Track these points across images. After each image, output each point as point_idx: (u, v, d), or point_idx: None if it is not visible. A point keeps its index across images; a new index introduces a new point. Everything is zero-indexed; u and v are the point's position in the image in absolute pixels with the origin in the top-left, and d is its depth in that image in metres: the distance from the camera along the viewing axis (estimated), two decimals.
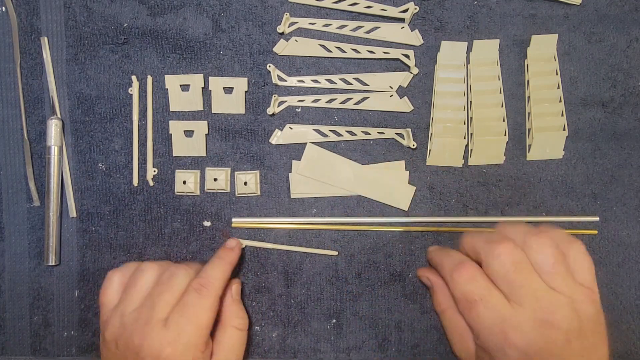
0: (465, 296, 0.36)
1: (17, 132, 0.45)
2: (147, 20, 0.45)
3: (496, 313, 0.34)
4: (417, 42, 0.45)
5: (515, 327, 0.34)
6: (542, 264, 0.35)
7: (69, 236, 0.45)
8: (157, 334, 0.35)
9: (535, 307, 0.34)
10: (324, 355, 0.45)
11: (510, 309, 0.34)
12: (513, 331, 0.34)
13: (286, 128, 0.45)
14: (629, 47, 0.45)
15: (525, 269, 0.35)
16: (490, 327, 0.34)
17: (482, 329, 0.35)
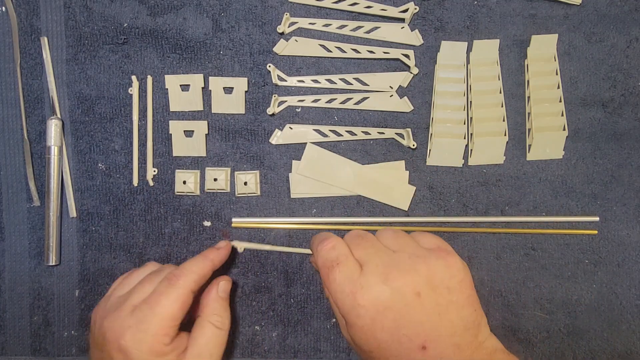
0: (324, 264, 0.37)
1: (17, 132, 0.45)
2: (147, 20, 0.44)
3: (348, 275, 0.35)
4: (417, 42, 0.45)
5: (362, 285, 0.35)
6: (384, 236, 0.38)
7: (69, 236, 0.45)
8: (122, 319, 0.36)
9: (377, 263, 0.36)
10: (324, 355, 0.45)
11: (359, 270, 0.36)
12: (360, 289, 0.34)
13: (286, 128, 0.45)
14: (629, 47, 0.45)
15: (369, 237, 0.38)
16: (343, 290, 0.35)
17: (337, 293, 0.35)
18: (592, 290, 0.45)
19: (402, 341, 0.34)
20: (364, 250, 0.37)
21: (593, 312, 0.45)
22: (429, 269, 0.35)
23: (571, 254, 0.45)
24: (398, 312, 0.34)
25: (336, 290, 0.35)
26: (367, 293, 0.34)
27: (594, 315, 0.45)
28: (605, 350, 0.45)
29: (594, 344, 0.45)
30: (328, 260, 0.37)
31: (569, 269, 0.45)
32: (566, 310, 0.45)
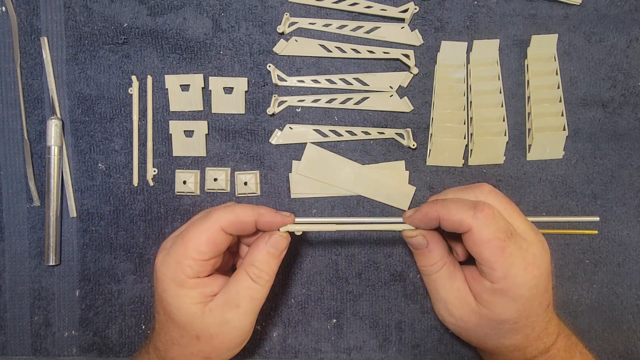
0: (498, 235, 0.34)
1: (17, 132, 0.45)
2: (147, 20, 0.44)
3: (522, 248, 0.35)
4: (417, 42, 0.45)
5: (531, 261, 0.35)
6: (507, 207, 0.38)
7: (69, 236, 0.45)
8: (164, 243, 0.38)
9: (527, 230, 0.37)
10: (325, 355, 0.45)
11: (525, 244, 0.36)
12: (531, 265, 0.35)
13: (286, 128, 0.45)
14: (629, 47, 0.45)
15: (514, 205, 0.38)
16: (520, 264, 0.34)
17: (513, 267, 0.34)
18: (592, 290, 0.45)
19: (543, 303, 0.36)
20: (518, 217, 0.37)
21: (594, 312, 0.45)
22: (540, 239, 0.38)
23: (571, 254, 0.45)
24: (548, 277, 0.36)
25: (513, 264, 0.34)
26: (539, 264, 0.35)
27: (594, 315, 0.45)
28: (606, 350, 0.45)
29: (595, 344, 0.45)
30: (500, 230, 0.34)
31: (570, 269, 0.45)
32: (567, 310, 0.45)
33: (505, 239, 0.34)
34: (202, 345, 0.36)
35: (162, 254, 0.36)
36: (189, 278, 0.35)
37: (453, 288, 0.37)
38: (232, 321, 0.36)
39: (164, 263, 0.36)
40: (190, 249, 0.35)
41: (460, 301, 0.37)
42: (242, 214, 0.36)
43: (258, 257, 0.36)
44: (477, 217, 0.34)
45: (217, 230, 0.35)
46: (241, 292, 0.36)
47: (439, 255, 0.38)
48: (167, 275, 0.35)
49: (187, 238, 0.35)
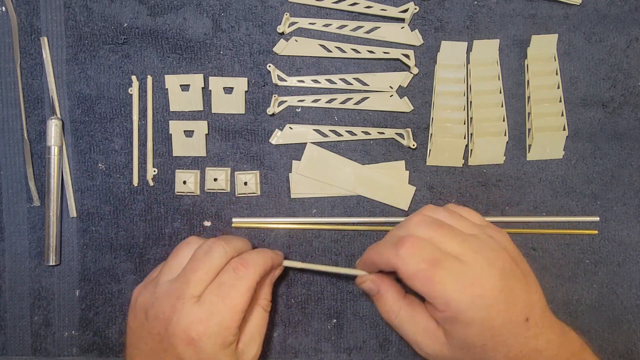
0: (418, 267, 0.34)
1: (17, 132, 0.45)
2: (147, 20, 0.44)
3: (455, 272, 0.34)
4: (417, 42, 0.45)
5: (473, 276, 0.34)
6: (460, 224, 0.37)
7: (69, 236, 0.45)
8: (188, 310, 0.34)
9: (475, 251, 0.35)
10: (325, 355, 0.45)
11: (461, 262, 0.34)
12: (472, 284, 0.33)
13: (286, 128, 0.45)
14: (629, 47, 0.45)
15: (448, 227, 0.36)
16: (457, 288, 0.33)
17: (450, 293, 0.33)
18: (592, 290, 0.45)
19: (512, 319, 0.34)
20: (450, 241, 0.35)
21: (594, 312, 0.45)
22: (505, 246, 0.36)
23: (572, 254, 0.45)
24: (508, 292, 0.34)
25: (448, 290, 0.33)
26: (480, 282, 0.34)
27: (594, 315, 0.45)
28: (606, 350, 0.45)
29: (595, 344, 0.45)
30: (423, 261, 0.34)
31: (570, 269, 0.45)
32: (567, 310, 0.45)
33: (429, 268, 0.34)
34: None
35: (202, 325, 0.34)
36: (234, 336, 0.36)
37: (418, 329, 0.37)
38: (258, 348, 0.39)
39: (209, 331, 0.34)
40: (238, 312, 0.35)
41: (429, 338, 0.37)
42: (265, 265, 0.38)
43: (266, 291, 0.40)
44: (398, 254, 0.34)
45: (254, 286, 0.37)
46: (260, 323, 0.39)
47: (392, 300, 0.38)
48: (218, 343, 0.35)
49: (230, 302, 0.35)
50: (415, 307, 0.38)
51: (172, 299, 0.35)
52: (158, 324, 0.35)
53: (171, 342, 0.34)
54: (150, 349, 0.36)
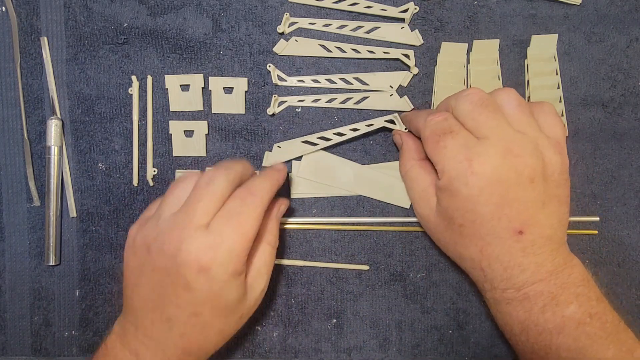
0: (435, 131, 0.36)
1: (17, 132, 0.45)
2: (147, 20, 0.44)
3: (463, 143, 0.35)
4: (417, 42, 0.45)
5: (480, 153, 0.34)
6: (506, 107, 0.36)
7: (69, 236, 0.45)
8: (197, 238, 0.33)
9: (500, 138, 0.35)
10: (325, 356, 0.45)
11: (476, 140, 0.35)
12: (477, 157, 0.34)
13: (274, 148, 0.45)
14: (629, 47, 0.45)
15: (492, 106, 0.36)
16: (455, 156, 0.35)
17: (448, 159, 0.35)
18: None
19: (501, 219, 0.34)
20: (485, 121, 0.35)
21: None
22: (547, 160, 0.35)
23: None
24: (508, 189, 0.34)
25: (447, 156, 0.35)
26: (484, 162, 0.34)
27: None
28: None
29: None
30: (439, 128, 0.36)
31: None
32: None
33: (441, 134, 0.36)
34: (241, 321, 0.38)
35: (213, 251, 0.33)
36: (244, 265, 0.35)
37: (419, 189, 0.39)
38: (265, 285, 0.38)
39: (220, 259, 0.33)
40: (249, 238, 0.34)
41: (424, 200, 0.39)
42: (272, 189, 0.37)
43: (272, 226, 0.39)
44: (426, 120, 0.37)
45: (263, 213, 0.36)
46: (267, 259, 0.38)
47: (408, 155, 0.41)
48: (229, 272, 0.34)
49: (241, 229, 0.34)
50: (425, 169, 0.40)
51: (179, 229, 0.34)
52: (164, 257, 0.34)
53: (181, 272, 0.33)
54: (154, 284, 0.35)
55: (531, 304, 0.35)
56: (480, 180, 0.34)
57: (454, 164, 0.35)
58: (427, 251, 0.45)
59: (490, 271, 0.36)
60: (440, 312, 0.45)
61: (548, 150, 0.35)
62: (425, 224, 0.40)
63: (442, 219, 0.37)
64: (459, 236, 0.37)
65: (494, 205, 0.34)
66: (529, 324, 0.35)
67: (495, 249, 0.35)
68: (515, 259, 0.35)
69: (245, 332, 0.46)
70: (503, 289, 0.36)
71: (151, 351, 0.35)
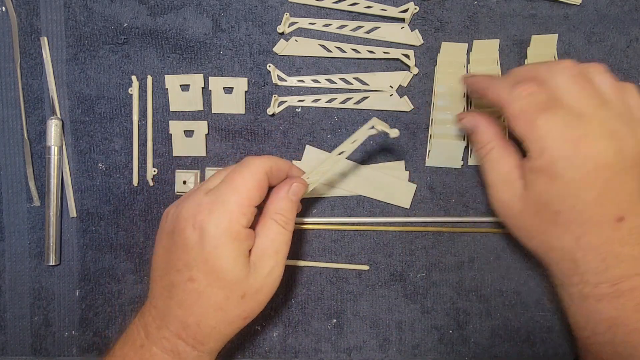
0: (529, 106, 0.32)
1: (17, 132, 0.45)
2: (147, 20, 0.44)
3: (566, 121, 0.32)
4: (417, 42, 0.45)
5: (586, 134, 0.31)
6: (601, 83, 0.34)
7: (69, 236, 0.45)
8: (199, 197, 0.35)
9: (603, 118, 0.32)
10: (325, 356, 0.45)
11: (579, 118, 0.32)
12: (585, 138, 0.31)
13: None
14: (629, 47, 0.45)
15: (591, 82, 0.33)
16: (560, 136, 0.31)
17: (551, 139, 0.32)
18: None
19: (604, 205, 0.32)
20: (587, 99, 0.32)
21: None
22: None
23: None
24: (615, 174, 0.32)
25: (550, 135, 0.32)
26: (593, 143, 0.31)
27: None
28: None
29: None
30: (534, 103, 0.32)
31: None
32: None
33: (537, 111, 0.32)
34: (245, 304, 0.35)
35: (206, 209, 0.33)
36: (244, 227, 0.34)
37: (501, 171, 0.36)
38: (274, 269, 0.36)
39: (214, 214, 0.33)
40: (243, 194, 0.34)
41: (507, 185, 0.36)
42: (280, 162, 0.37)
43: (282, 206, 0.37)
44: (511, 91, 0.33)
45: (263, 174, 0.35)
46: (276, 239, 0.36)
47: (487, 138, 0.37)
48: (221, 228, 0.33)
49: (236, 184, 0.34)
50: (508, 151, 0.36)
51: (188, 195, 0.36)
52: (172, 219, 0.35)
53: (180, 227, 0.34)
54: (165, 249, 0.36)
55: (625, 300, 0.33)
56: (588, 163, 0.31)
57: (559, 144, 0.32)
58: (427, 251, 0.45)
59: (584, 262, 0.33)
60: (440, 312, 0.45)
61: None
62: (506, 211, 0.37)
63: (532, 204, 0.34)
64: (552, 224, 0.34)
65: (599, 190, 0.32)
66: (619, 322, 0.33)
67: (594, 237, 0.33)
68: (614, 249, 0.33)
69: (245, 332, 0.46)
70: (595, 283, 0.33)
71: (157, 322, 0.35)
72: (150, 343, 0.35)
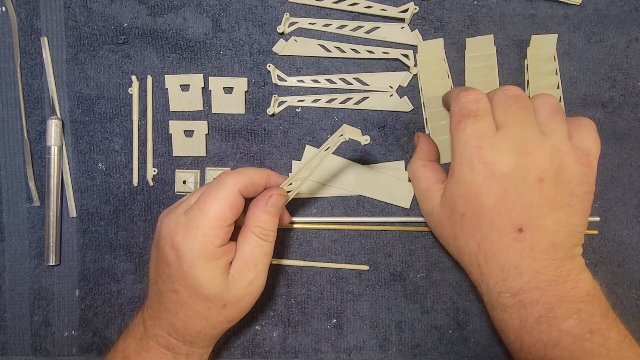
0: (462, 110, 0.36)
1: (17, 132, 0.45)
2: (147, 20, 0.44)
3: (482, 130, 0.35)
4: (417, 42, 0.45)
5: (492, 144, 0.34)
6: (540, 109, 0.36)
7: (69, 236, 0.45)
8: (177, 216, 0.36)
9: (518, 134, 0.34)
10: (325, 356, 0.45)
11: (495, 131, 0.35)
12: (489, 147, 0.34)
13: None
14: (629, 47, 0.45)
15: (524, 103, 0.35)
16: (469, 141, 0.35)
17: (462, 142, 0.35)
18: None
19: (501, 214, 0.34)
20: (512, 115, 0.35)
21: None
22: (564, 166, 0.35)
23: None
24: (513, 184, 0.34)
25: (461, 139, 0.35)
26: (494, 152, 0.34)
27: None
28: None
29: None
30: (466, 109, 0.35)
31: None
32: None
33: (465, 115, 0.35)
34: (228, 312, 0.37)
35: (182, 230, 0.35)
36: (217, 247, 0.35)
37: (424, 186, 0.40)
38: (254, 280, 0.37)
39: (188, 238, 0.35)
40: (214, 218, 0.35)
41: (428, 197, 0.39)
42: (255, 176, 0.37)
43: (262, 218, 0.37)
44: (459, 95, 0.36)
45: (235, 194, 0.36)
46: (255, 252, 0.37)
47: (418, 156, 0.42)
48: (195, 250, 0.34)
49: (208, 207, 0.35)
50: (430, 169, 0.40)
51: (167, 213, 0.38)
52: (157, 233, 0.38)
53: (161, 244, 0.36)
54: (154, 258, 0.38)
55: (527, 313, 0.34)
56: (486, 170, 0.34)
57: (465, 148, 0.35)
58: (427, 251, 0.45)
59: (487, 269, 0.36)
60: (440, 312, 0.45)
61: (570, 158, 0.35)
62: (429, 219, 0.41)
63: (445, 209, 0.37)
64: (460, 228, 0.36)
65: (496, 197, 0.34)
66: (523, 333, 0.35)
67: (493, 244, 0.35)
68: (512, 259, 0.35)
69: (245, 332, 0.46)
70: (499, 292, 0.35)
71: (151, 321, 0.38)
72: (147, 337, 0.38)
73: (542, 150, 0.34)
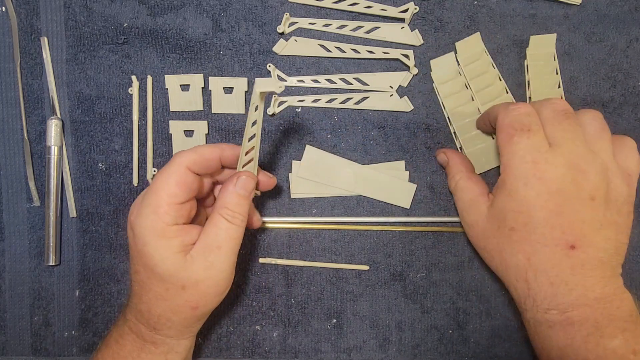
0: (513, 124, 0.35)
1: (17, 132, 0.45)
2: (147, 20, 0.44)
3: (536, 145, 0.35)
4: (417, 42, 0.45)
5: (547, 160, 0.34)
6: (588, 127, 0.36)
7: (69, 236, 0.45)
8: (137, 199, 0.37)
9: (571, 151, 0.35)
10: (325, 356, 0.45)
11: (548, 146, 0.35)
12: (544, 162, 0.34)
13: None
14: (629, 47, 0.45)
15: (573, 119, 0.36)
16: (524, 155, 0.35)
17: (516, 156, 0.35)
18: None
19: (554, 228, 0.34)
20: (563, 132, 0.35)
21: None
22: (611, 184, 0.35)
23: None
24: (567, 201, 0.34)
25: (516, 154, 0.35)
26: (549, 168, 0.34)
27: None
28: None
29: None
30: (518, 122, 0.35)
31: None
32: None
33: (518, 129, 0.35)
34: (188, 295, 0.36)
35: (136, 210, 0.36)
36: (169, 226, 0.35)
37: (467, 198, 0.40)
38: (216, 263, 0.36)
39: (140, 216, 0.35)
40: (163, 195, 0.35)
41: (472, 208, 0.39)
42: (205, 151, 0.37)
43: (229, 200, 0.37)
44: (507, 109, 0.36)
45: (184, 170, 0.36)
46: (220, 233, 0.36)
47: (456, 169, 0.41)
48: (146, 227, 0.35)
49: (157, 185, 0.35)
50: (473, 181, 0.40)
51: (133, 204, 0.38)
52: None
53: (127, 227, 0.37)
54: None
55: (574, 331, 0.34)
56: (541, 185, 0.34)
57: (519, 162, 0.35)
58: (427, 251, 0.45)
59: (535, 285, 0.35)
60: (440, 312, 0.45)
61: (616, 177, 0.35)
62: (472, 230, 0.40)
63: (493, 221, 0.37)
64: (508, 241, 0.36)
65: (549, 212, 0.34)
66: (570, 351, 0.34)
67: (544, 259, 0.34)
68: (563, 275, 0.34)
69: (245, 332, 0.46)
70: (546, 308, 0.35)
71: (127, 307, 0.39)
72: (124, 323, 0.38)
73: (593, 167, 0.35)
